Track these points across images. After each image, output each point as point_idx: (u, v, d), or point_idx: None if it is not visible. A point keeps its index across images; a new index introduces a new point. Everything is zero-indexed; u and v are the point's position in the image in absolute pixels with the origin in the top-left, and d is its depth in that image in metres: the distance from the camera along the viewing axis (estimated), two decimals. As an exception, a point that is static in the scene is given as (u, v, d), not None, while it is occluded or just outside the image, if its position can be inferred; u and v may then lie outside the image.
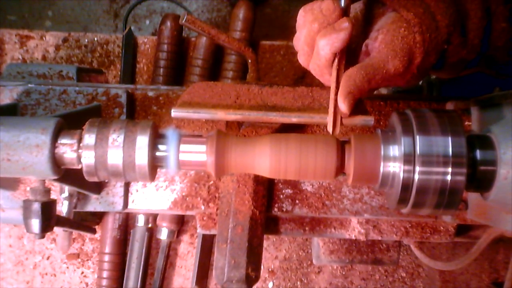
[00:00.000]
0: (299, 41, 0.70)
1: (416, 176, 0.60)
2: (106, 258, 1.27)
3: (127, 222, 1.30)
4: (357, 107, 0.69)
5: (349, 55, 0.70)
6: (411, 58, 0.68)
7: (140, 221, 1.25)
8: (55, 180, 0.70)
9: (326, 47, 0.65)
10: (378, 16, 0.73)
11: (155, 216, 1.27)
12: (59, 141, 0.64)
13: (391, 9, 0.71)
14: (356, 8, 0.73)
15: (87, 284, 1.33)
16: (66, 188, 0.88)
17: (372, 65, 0.66)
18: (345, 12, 0.66)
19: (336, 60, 0.67)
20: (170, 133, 0.65)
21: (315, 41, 0.67)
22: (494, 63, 0.80)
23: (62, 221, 0.84)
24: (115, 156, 0.63)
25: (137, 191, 0.93)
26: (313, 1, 0.68)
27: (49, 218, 0.75)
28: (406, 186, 0.61)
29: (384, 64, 0.67)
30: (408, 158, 0.60)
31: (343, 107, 0.66)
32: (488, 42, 0.78)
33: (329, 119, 0.68)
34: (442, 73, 0.80)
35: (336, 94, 0.67)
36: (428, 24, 0.68)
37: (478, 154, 0.61)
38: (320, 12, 0.66)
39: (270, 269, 1.36)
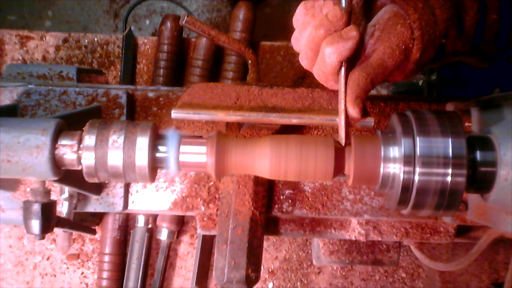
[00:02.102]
0: (299, 42, 0.69)
1: (416, 177, 0.60)
2: (106, 258, 1.27)
3: (127, 223, 1.30)
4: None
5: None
6: (407, 54, 0.68)
7: (140, 222, 1.25)
8: (55, 181, 0.70)
9: (333, 56, 0.64)
10: (376, 9, 0.72)
11: (155, 217, 1.27)
12: (59, 142, 0.64)
13: (390, 1, 0.70)
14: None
15: (87, 285, 1.33)
16: (66, 189, 0.88)
17: (371, 65, 0.66)
18: (349, 16, 0.65)
19: (343, 69, 0.66)
20: (170, 134, 0.65)
21: (320, 47, 0.65)
22: (480, 54, 0.80)
23: (62, 222, 0.84)
24: (115, 157, 0.63)
25: (137, 192, 0.93)
26: None
27: (49, 219, 0.75)
28: (406, 187, 0.61)
29: (382, 62, 0.66)
30: (408, 159, 0.60)
31: (354, 112, 0.65)
32: (481, 34, 0.78)
33: (340, 130, 0.66)
34: (434, 63, 0.80)
35: (345, 103, 0.66)
36: (427, 19, 0.67)
37: (478, 155, 0.61)
38: (325, 17, 0.64)
39: (270, 270, 1.36)
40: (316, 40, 0.66)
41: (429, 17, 0.68)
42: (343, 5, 0.64)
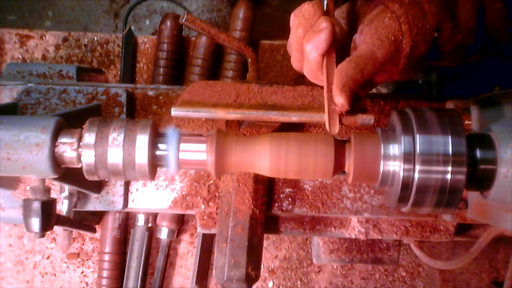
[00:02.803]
0: (291, 47, 0.71)
1: (416, 175, 0.60)
2: (106, 257, 1.27)
3: (127, 222, 1.30)
4: (357, 106, 0.69)
5: (342, 53, 0.70)
6: (398, 47, 0.68)
7: (140, 221, 1.25)
8: (55, 179, 0.70)
9: (312, 51, 0.66)
10: (366, 13, 0.73)
11: (155, 216, 1.27)
12: (59, 140, 0.64)
13: (378, 3, 0.71)
14: (344, 8, 0.74)
15: (87, 284, 1.33)
16: (66, 187, 0.88)
17: (360, 56, 0.67)
18: (326, 13, 0.66)
19: (325, 59, 0.67)
20: (170, 132, 0.65)
21: (303, 46, 0.67)
22: (496, 45, 0.80)
23: (62, 220, 0.84)
24: (115, 155, 0.63)
25: (137, 190, 0.93)
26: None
27: (49, 217, 0.75)
28: (406, 185, 0.61)
29: (372, 53, 0.67)
30: (408, 157, 0.60)
31: (341, 100, 0.65)
32: (483, 25, 0.78)
33: (326, 117, 0.68)
34: (444, 62, 0.80)
35: (329, 91, 0.67)
36: (414, 14, 0.68)
37: (478, 153, 0.61)
38: (302, 17, 0.66)
39: (270, 269, 1.36)
40: (298, 40, 0.68)
41: (417, 11, 0.68)
42: (324, 3, 0.66)
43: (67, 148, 0.64)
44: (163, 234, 1.27)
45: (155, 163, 0.66)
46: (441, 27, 0.71)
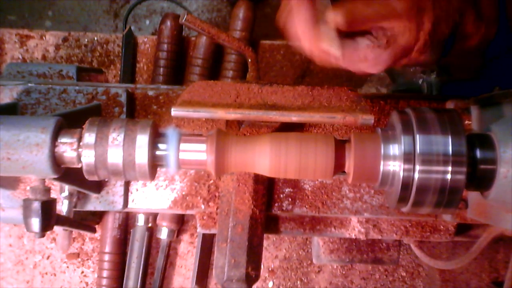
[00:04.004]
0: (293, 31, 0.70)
1: (416, 175, 0.60)
2: (106, 257, 1.27)
3: (127, 222, 1.30)
4: (357, 106, 0.69)
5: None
6: (421, 15, 0.66)
7: (140, 221, 1.25)
8: (55, 179, 0.70)
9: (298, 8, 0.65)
10: None
11: (155, 216, 1.27)
12: (59, 140, 0.65)
13: None
14: None
15: (87, 284, 1.33)
16: (66, 187, 0.88)
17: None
18: None
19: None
20: (170, 132, 0.65)
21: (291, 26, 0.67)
22: None
23: (62, 220, 0.84)
24: (115, 155, 0.63)
25: (137, 190, 0.93)
26: None
27: (49, 217, 0.75)
28: (406, 185, 0.61)
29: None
30: (408, 157, 0.60)
31: (339, 17, 0.64)
32: (505, 16, 0.77)
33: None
34: (468, 64, 0.78)
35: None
36: None
37: (478, 153, 0.61)
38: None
39: (270, 269, 1.36)
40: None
41: None
42: None
43: (67, 148, 0.64)
44: (163, 234, 1.27)
45: (155, 163, 0.66)
46: (464, 14, 0.70)
